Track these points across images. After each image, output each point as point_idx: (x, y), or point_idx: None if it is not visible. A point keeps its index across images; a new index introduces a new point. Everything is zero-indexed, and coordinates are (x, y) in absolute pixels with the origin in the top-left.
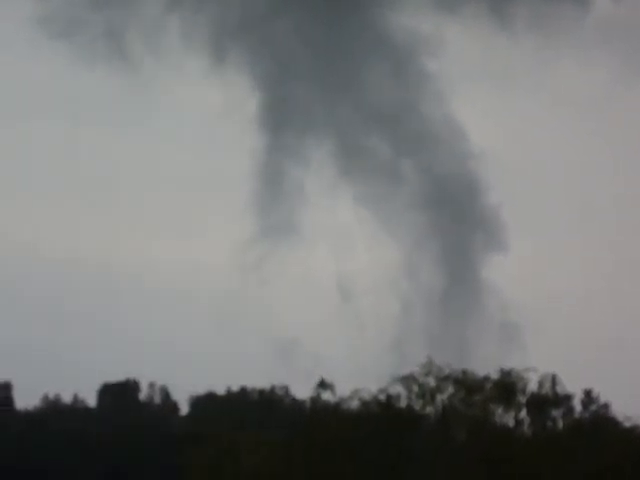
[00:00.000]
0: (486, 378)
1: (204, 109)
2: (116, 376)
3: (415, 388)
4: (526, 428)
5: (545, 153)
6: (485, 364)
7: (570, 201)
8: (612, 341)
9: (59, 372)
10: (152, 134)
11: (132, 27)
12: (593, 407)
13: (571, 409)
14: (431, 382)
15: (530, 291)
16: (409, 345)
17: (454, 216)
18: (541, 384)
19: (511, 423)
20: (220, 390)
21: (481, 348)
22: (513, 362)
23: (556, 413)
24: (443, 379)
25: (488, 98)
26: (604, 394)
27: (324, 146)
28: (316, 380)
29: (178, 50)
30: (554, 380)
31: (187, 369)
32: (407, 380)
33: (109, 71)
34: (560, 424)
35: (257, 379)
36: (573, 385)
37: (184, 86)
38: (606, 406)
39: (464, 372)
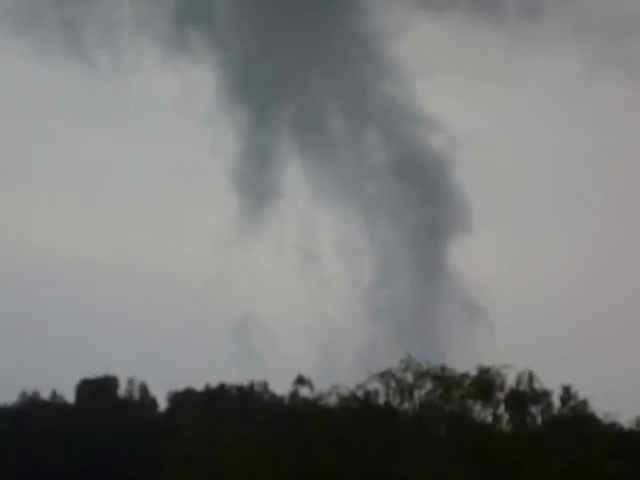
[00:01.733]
0: (464, 375)
1: (163, 98)
2: (95, 372)
3: (393, 384)
4: (504, 424)
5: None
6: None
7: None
8: (589, 335)
9: (37, 368)
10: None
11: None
12: (571, 403)
13: (550, 405)
14: (409, 378)
15: (497, 277)
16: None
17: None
18: (519, 381)
19: (489, 419)
20: (199, 386)
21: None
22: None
23: (535, 409)
24: (421, 375)
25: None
26: (582, 390)
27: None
28: (293, 376)
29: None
30: (531, 377)
31: (166, 365)
32: (385, 376)
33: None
34: (539, 420)
35: (236, 375)
36: (551, 381)
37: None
38: (585, 402)
39: (442, 368)
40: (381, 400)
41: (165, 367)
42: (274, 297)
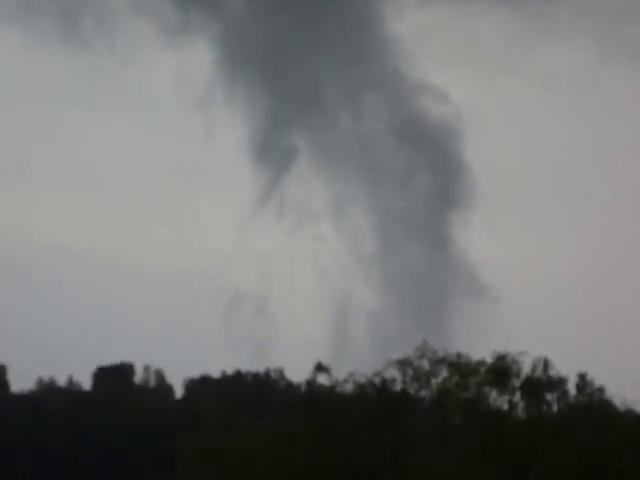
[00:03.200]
0: (480, 362)
1: (161, 84)
2: (111, 359)
3: (410, 372)
4: (520, 412)
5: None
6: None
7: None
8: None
9: (54, 355)
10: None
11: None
12: (588, 390)
13: (566, 393)
14: (425, 365)
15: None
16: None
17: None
18: (534, 368)
19: (505, 406)
20: (215, 373)
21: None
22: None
23: (550, 397)
24: (437, 362)
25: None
26: (598, 378)
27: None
28: (307, 362)
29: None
30: (547, 364)
31: (182, 353)
32: (402, 364)
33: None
34: (555, 407)
35: (252, 362)
36: (567, 368)
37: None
38: (601, 390)
39: (458, 355)
40: (398, 387)
41: (182, 354)
42: (285, 280)
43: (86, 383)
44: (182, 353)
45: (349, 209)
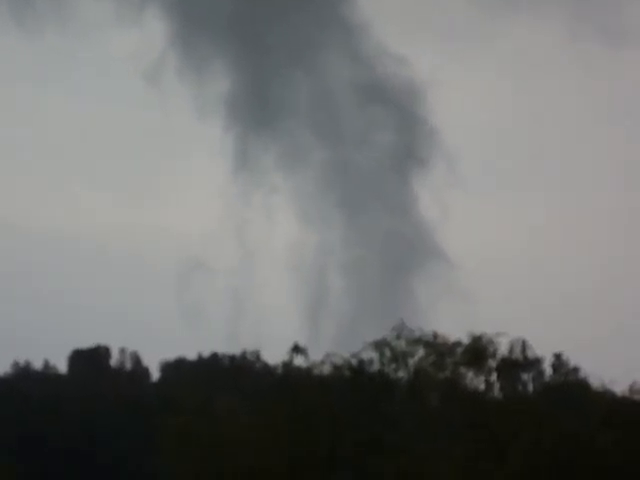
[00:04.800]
0: (457, 342)
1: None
2: (86, 342)
3: (387, 352)
4: (496, 392)
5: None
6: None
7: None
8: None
9: (29, 338)
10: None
11: None
12: (563, 370)
13: (541, 373)
14: (402, 345)
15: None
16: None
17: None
18: (512, 348)
19: (482, 387)
20: (191, 356)
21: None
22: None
23: (526, 377)
24: (414, 342)
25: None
26: (573, 358)
27: None
28: (282, 344)
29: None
30: (524, 344)
31: (157, 336)
32: (379, 344)
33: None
34: (530, 387)
35: (227, 345)
36: (542, 349)
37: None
38: (576, 370)
39: (435, 336)
40: (375, 368)
41: (157, 337)
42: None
43: (62, 366)
44: (157, 336)
45: (305, 165)
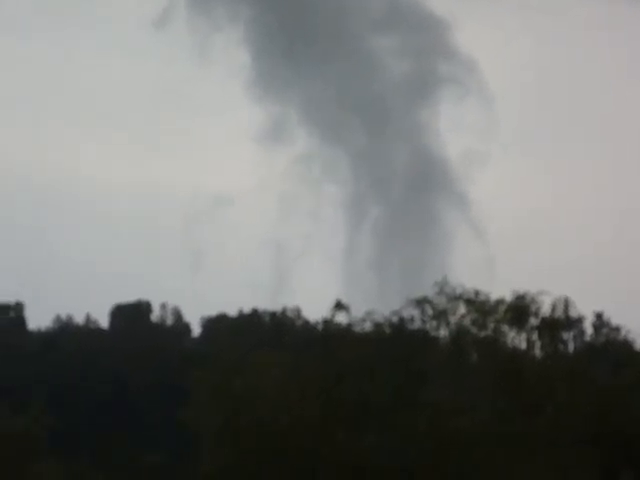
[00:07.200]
0: (499, 300)
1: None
2: (128, 297)
3: (429, 310)
4: (537, 351)
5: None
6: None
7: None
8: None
9: (71, 293)
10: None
11: None
12: (604, 330)
13: (582, 332)
14: (443, 302)
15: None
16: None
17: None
18: (554, 307)
19: (523, 346)
20: (232, 312)
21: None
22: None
23: (567, 336)
24: (455, 299)
25: None
26: (615, 317)
27: None
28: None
29: None
30: (567, 303)
31: (200, 291)
32: (420, 302)
33: None
34: (571, 347)
35: (269, 301)
36: (584, 308)
37: None
38: (617, 329)
39: (476, 293)
40: (416, 326)
41: (199, 293)
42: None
43: (104, 321)
44: (199, 291)
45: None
